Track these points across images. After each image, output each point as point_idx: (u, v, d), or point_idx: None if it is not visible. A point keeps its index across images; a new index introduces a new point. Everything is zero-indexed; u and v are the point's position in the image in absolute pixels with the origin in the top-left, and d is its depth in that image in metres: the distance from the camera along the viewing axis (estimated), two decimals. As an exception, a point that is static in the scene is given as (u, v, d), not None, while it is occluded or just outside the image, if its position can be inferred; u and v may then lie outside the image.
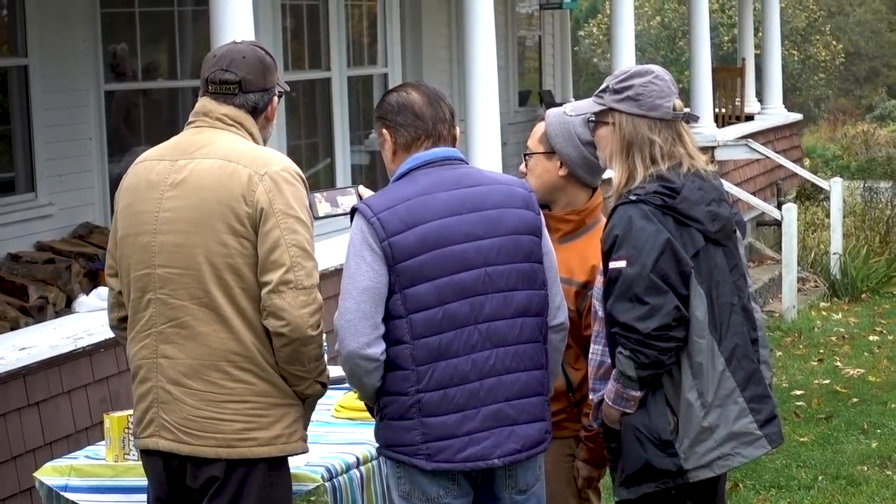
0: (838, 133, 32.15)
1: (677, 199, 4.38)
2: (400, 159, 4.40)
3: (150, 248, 4.25)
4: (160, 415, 4.25)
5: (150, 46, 11.99)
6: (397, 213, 4.25)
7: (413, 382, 4.25)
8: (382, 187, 4.46)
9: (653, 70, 4.53)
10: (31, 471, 5.52)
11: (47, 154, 10.59)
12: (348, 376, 4.31)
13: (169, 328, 4.24)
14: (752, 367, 4.47)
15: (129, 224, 4.31)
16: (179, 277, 4.21)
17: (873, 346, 12.06)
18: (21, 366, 6.24)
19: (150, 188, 4.28)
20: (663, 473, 4.37)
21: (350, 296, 4.22)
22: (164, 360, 4.24)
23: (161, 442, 4.26)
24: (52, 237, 10.45)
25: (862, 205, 19.11)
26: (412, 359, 4.24)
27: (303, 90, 13.10)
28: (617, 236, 4.35)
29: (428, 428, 4.25)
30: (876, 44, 42.85)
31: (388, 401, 4.28)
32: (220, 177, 4.20)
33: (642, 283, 4.28)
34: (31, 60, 10.43)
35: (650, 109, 4.45)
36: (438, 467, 4.26)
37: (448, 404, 4.26)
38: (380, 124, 4.42)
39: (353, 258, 4.25)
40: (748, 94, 21.05)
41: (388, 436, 4.31)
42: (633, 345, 4.30)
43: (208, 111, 4.34)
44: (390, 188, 4.37)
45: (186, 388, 4.22)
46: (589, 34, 41.72)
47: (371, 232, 4.23)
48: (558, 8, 19.94)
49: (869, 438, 9.00)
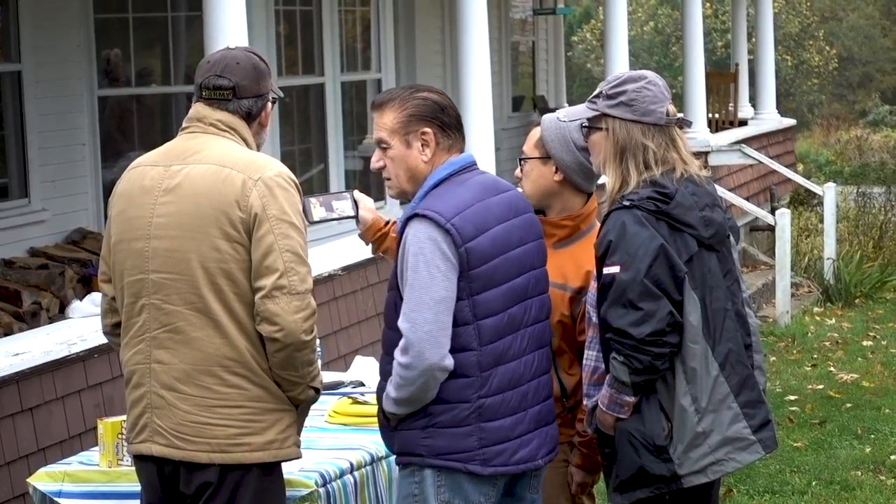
0: (831, 138, 32.17)
1: (671, 204, 4.38)
2: (437, 161, 4.35)
3: (143, 253, 4.24)
4: (153, 420, 4.25)
5: (143, 52, 11.98)
6: (468, 218, 4.21)
7: (476, 389, 4.23)
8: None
9: (646, 76, 4.52)
10: (24, 476, 5.52)
11: (41, 160, 10.58)
12: (418, 390, 4.18)
13: (162, 333, 4.23)
14: (745, 373, 4.46)
15: (122, 229, 4.30)
16: (173, 283, 4.20)
17: (867, 351, 12.07)
18: (14, 371, 6.23)
19: (144, 193, 4.27)
20: (657, 479, 4.37)
21: (427, 306, 4.13)
22: (157, 365, 4.24)
23: (154, 447, 4.25)
24: (45, 243, 10.44)
25: (855, 210, 19.12)
26: (478, 365, 4.23)
27: (296, 95, 13.10)
28: (611, 242, 4.35)
29: (486, 433, 4.24)
30: (869, 49, 42.90)
31: (444, 409, 4.22)
32: (213, 182, 4.19)
33: (636, 288, 4.28)
34: (25, 66, 10.42)
35: (643, 115, 4.45)
36: (496, 471, 4.26)
37: (505, 408, 4.27)
38: (423, 124, 4.32)
39: (424, 267, 4.15)
40: (741, 100, 21.08)
41: (439, 444, 4.24)
42: (627, 350, 4.30)
43: (202, 117, 4.34)
44: (446, 193, 4.27)
45: (180, 394, 4.21)
46: (582, 39, 41.76)
47: (446, 239, 4.17)
48: (552, 13, 19.98)
49: (863, 443, 9.01)
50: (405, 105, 4.33)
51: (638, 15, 39.68)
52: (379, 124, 4.39)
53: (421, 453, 4.26)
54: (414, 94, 4.36)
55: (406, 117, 4.33)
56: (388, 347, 4.32)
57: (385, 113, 4.37)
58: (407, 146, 4.34)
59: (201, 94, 4.36)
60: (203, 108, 4.35)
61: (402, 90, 4.40)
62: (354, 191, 4.90)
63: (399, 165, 4.36)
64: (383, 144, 4.39)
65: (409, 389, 4.18)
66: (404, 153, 4.35)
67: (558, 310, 4.63)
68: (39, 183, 10.57)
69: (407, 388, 4.19)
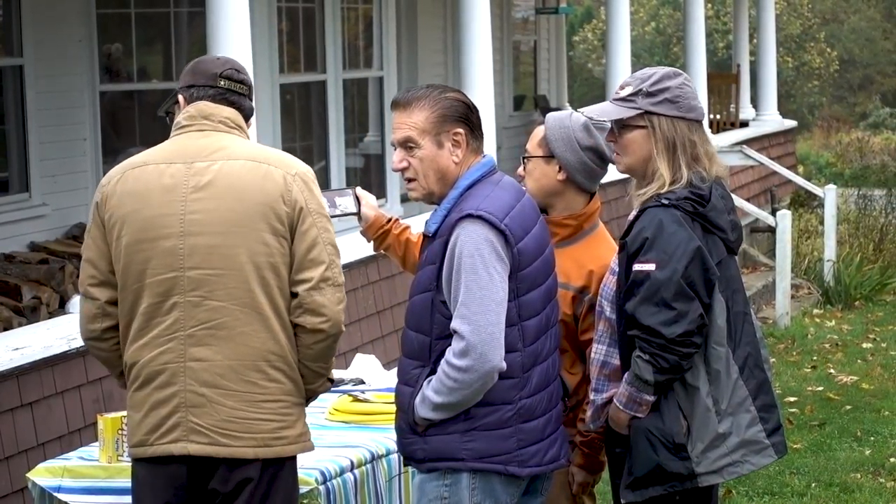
0: (832, 140, 32.17)
1: (707, 207, 4.36)
2: (467, 163, 4.29)
3: (175, 251, 4.17)
4: (189, 419, 4.18)
5: (145, 48, 11.98)
6: (515, 219, 4.19)
7: (518, 390, 4.21)
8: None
9: (681, 73, 4.49)
10: (23, 471, 5.51)
11: (41, 154, 10.59)
12: (473, 393, 4.12)
13: (201, 330, 4.18)
14: (762, 377, 4.47)
15: (139, 229, 4.20)
16: (218, 278, 4.17)
17: (866, 353, 12.07)
18: (14, 366, 6.22)
19: (167, 191, 4.20)
20: (673, 477, 4.36)
21: (489, 309, 4.08)
22: (195, 363, 4.18)
23: (191, 446, 4.17)
24: (45, 238, 10.44)
25: (856, 212, 19.10)
26: (521, 366, 4.21)
27: (298, 93, 13.09)
28: (647, 239, 4.31)
29: (524, 434, 4.22)
30: (870, 51, 42.90)
31: (488, 411, 4.17)
32: (254, 177, 4.20)
33: (671, 288, 4.25)
34: (26, 60, 10.42)
35: (688, 111, 4.42)
36: (531, 472, 4.25)
37: (539, 408, 4.27)
38: (456, 124, 4.25)
39: (483, 269, 4.10)
40: (743, 101, 21.09)
41: (482, 447, 4.18)
42: (655, 349, 4.27)
43: (208, 115, 4.31)
44: (489, 194, 4.21)
45: (223, 390, 4.18)
46: (584, 39, 41.76)
47: (500, 240, 4.13)
48: (554, 13, 19.97)
49: (862, 446, 9.00)
50: (436, 105, 4.25)
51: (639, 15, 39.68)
52: (406, 123, 4.27)
53: (462, 457, 4.18)
54: (444, 94, 4.28)
55: (438, 117, 4.24)
56: (416, 353, 4.25)
57: (413, 112, 4.26)
58: (438, 146, 4.26)
59: (217, 84, 4.31)
60: (207, 107, 4.32)
61: (429, 90, 4.30)
62: (357, 188, 4.89)
63: (429, 166, 4.27)
64: (410, 144, 4.27)
65: (464, 393, 4.11)
66: (435, 153, 4.26)
67: (560, 309, 4.62)
68: (40, 178, 10.57)
69: (461, 392, 4.11)
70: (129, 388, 4.28)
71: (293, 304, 4.22)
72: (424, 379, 4.19)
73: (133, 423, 4.26)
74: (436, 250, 4.21)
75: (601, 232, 4.85)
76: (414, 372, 4.23)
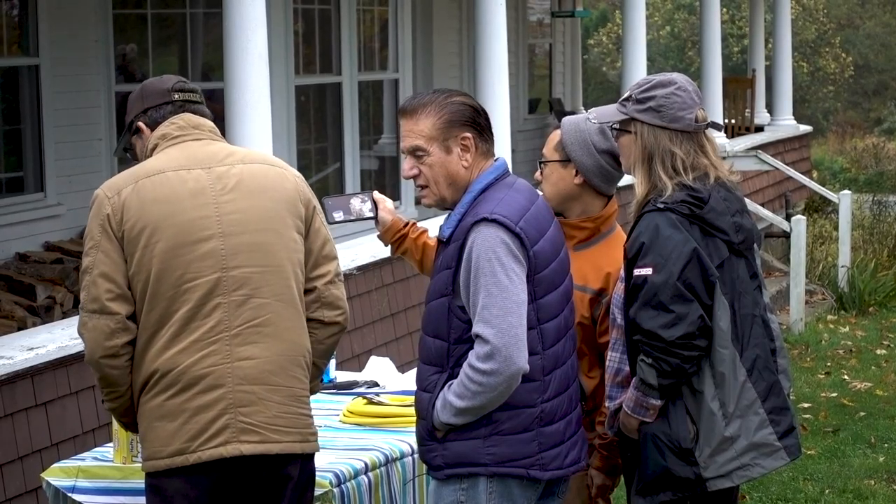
0: (846, 146, 32.11)
1: (704, 209, 4.37)
2: (478, 167, 4.26)
3: (217, 252, 4.16)
4: (239, 419, 4.13)
5: (160, 48, 11.99)
6: (530, 221, 4.18)
7: (540, 393, 4.20)
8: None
9: (675, 81, 4.49)
10: (37, 471, 5.52)
11: (56, 154, 10.61)
12: (498, 396, 4.09)
13: (248, 328, 4.16)
14: (772, 379, 4.46)
15: (177, 234, 4.14)
16: (261, 275, 4.19)
17: (880, 359, 12.04)
18: (29, 366, 6.24)
19: (196, 195, 4.18)
20: (682, 482, 4.36)
21: (512, 311, 4.06)
22: (243, 362, 4.15)
23: (245, 447, 4.12)
24: (60, 237, 10.46)
25: (870, 218, 19.06)
26: (542, 369, 4.20)
27: (313, 94, 13.10)
28: (643, 244, 4.33)
29: (544, 437, 4.21)
30: (885, 57, 42.82)
31: (509, 415, 4.15)
32: (274, 178, 4.29)
33: (668, 291, 4.26)
34: (43, 60, 10.45)
35: (671, 121, 4.43)
36: (553, 475, 4.23)
37: (559, 411, 4.26)
38: (463, 129, 4.22)
39: (501, 271, 4.08)
40: (758, 105, 21.05)
41: (504, 451, 4.16)
42: (657, 353, 4.28)
43: (197, 124, 4.36)
44: (503, 197, 4.19)
45: (272, 386, 4.18)
46: (598, 43, 41.73)
47: (517, 242, 4.12)
48: (569, 16, 19.95)
49: (876, 452, 8.98)
50: (442, 110, 4.22)
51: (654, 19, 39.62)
52: (414, 131, 4.24)
53: (484, 462, 4.16)
54: (449, 98, 4.25)
55: (445, 123, 4.22)
56: (434, 358, 4.22)
57: (420, 119, 4.23)
58: (447, 152, 4.23)
59: (172, 99, 4.34)
60: (192, 118, 4.37)
61: (434, 95, 4.27)
62: (374, 192, 4.88)
63: (439, 172, 4.24)
64: (419, 152, 4.24)
65: (488, 396, 4.08)
66: (444, 159, 4.23)
67: (578, 311, 4.61)
68: (55, 177, 10.60)
69: (485, 396, 4.07)
70: (157, 398, 4.15)
71: (309, 299, 4.30)
72: (443, 384, 4.17)
73: (165, 433, 4.13)
74: (451, 255, 4.20)
75: (618, 235, 4.84)
76: (432, 378, 4.21)
